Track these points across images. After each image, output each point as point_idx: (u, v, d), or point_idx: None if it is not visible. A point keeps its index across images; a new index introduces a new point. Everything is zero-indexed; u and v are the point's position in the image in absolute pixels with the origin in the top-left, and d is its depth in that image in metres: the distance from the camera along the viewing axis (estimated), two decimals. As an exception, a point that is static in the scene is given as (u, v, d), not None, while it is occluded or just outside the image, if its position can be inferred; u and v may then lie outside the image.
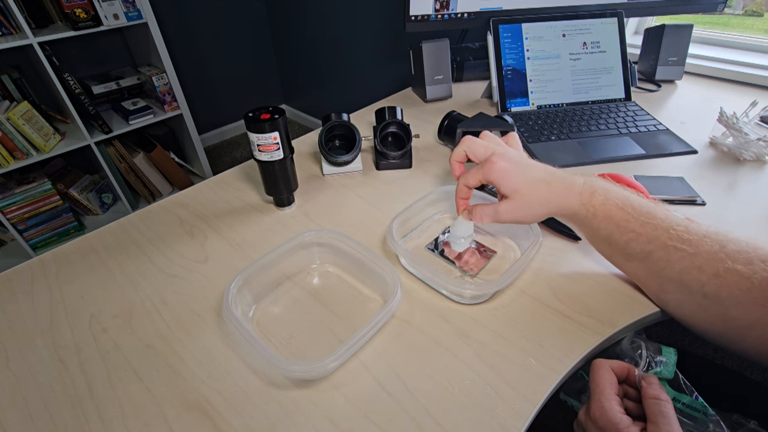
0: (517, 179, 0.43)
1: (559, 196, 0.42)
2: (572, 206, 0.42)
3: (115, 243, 0.57)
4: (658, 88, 0.96)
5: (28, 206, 1.56)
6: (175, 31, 1.97)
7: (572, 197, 0.42)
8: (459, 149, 0.48)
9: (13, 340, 0.44)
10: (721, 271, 0.35)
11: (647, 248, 0.39)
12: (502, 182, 0.43)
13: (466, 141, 0.48)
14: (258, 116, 0.51)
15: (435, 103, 0.95)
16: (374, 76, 1.97)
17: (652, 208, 0.40)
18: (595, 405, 0.35)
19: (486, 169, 0.44)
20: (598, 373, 0.37)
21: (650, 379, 0.36)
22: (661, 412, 0.33)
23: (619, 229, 0.40)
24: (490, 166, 0.43)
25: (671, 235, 0.37)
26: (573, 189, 0.42)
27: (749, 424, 0.40)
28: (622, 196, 0.41)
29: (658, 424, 0.32)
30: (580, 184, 0.42)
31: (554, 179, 0.43)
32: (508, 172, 0.43)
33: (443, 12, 0.86)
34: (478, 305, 0.45)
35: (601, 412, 0.34)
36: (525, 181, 0.43)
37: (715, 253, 0.35)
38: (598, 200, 0.41)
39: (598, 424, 0.34)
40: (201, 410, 0.37)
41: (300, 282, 0.50)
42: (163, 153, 1.84)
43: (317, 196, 0.64)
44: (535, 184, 0.43)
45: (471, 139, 0.48)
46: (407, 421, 0.35)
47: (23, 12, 1.35)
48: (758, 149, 0.67)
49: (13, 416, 0.37)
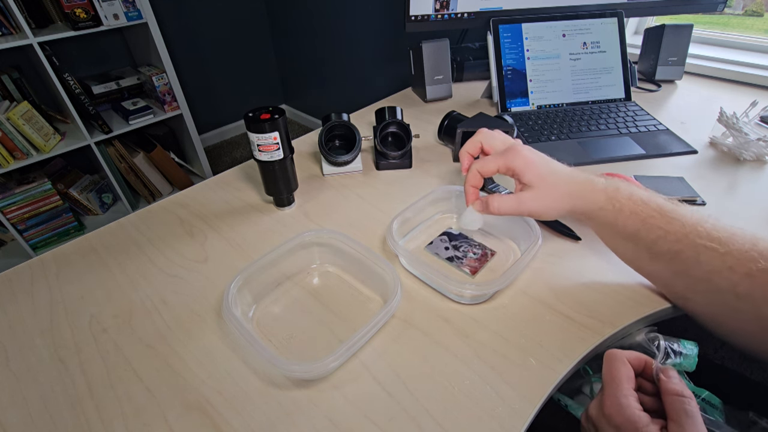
0: (543, 168, 0.42)
1: (585, 190, 0.42)
2: (599, 201, 0.41)
3: (115, 243, 0.57)
4: (658, 88, 0.96)
5: (28, 206, 1.56)
6: (175, 31, 1.97)
7: (597, 192, 0.41)
8: (474, 139, 0.47)
9: (13, 340, 0.44)
10: (754, 271, 0.33)
11: (676, 247, 0.37)
12: (528, 168, 0.42)
13: (483, 133, 0.47)
14: (258, 116, 0.51)
15: (435, 103, 0.95)
16: (374, 76, 1.97)
17: (677, 206, 0.39)
18: (610, 401, 0.32)
19: (510, 156, 0.43)
20: (614, 366, 0.34)
21: (670, 373, 0.33)
22: (685, 410, 0.30)
23: (645, 225, 0.39)
24: (515, 153, 0.43)
25: (700, 232, 0.36)
26: (597, 185, 0.42)
27: (762, 422, 0.39)
28: (647, 193, 0.40)
29: (682, 424, 0.29)
30: (603, 181, 0.42)
31: (578, 175, 0.43)
32: (534, 161, 0.43)
33: (443, 12, 0.86)
34: (478, 305, 0.45)
35: (618, 409, 0.31)
36: (551, 172, 0.43)
37: (747, 251, 0.34)
38: (624, 195, 0.40)
39: (614, 421, 0.31)
40: (201, 410, 0.37)
41: (300, 282, 0.50)
42: (163, 153, 1.84)
43: (317, 196, 0.64)
44: (560, 175, 0.43)
45: (488, 131, 0.47)
46: (407, 421, 0.35)
47: (23, 12, 1.35)
48: (758, 149, 0.67)
49: (13, 416, 0.37)
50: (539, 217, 0.44)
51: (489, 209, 0.45)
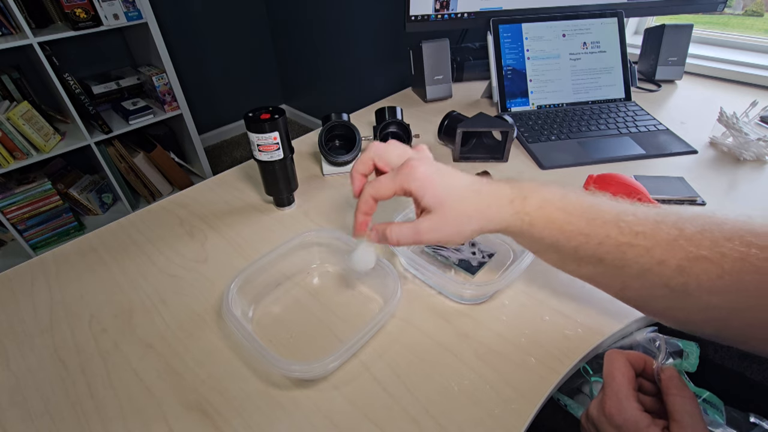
0: (442, 188, 0.36)
1: (489, 206, 0.36)
2: (504, 217, 0.35)
3: (115, 243, 0.57)
4: (658, 88, 0.96)
5: (28, 206, 1.56)
6: (175, 31, 1.97)
7: (503, 207, 0.36)
8: (365, 156, 0.40)
9: (13, 340, 0.44)
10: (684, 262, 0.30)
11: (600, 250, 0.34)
12: (426, 191, 0.35)
13: (374, 147, 0.40)
14: (258, 116, 0.51)
15: (435, 103, 0.95)
16: (374, 76, 1.97)
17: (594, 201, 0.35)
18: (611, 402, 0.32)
19: (404, 175, 0.36)
20: (614, 365, 0.33)
21: (670, 372, 0.32)
22: (687, 410, 0.30)
23: (564, 234, 0.35)
24: (410, 171, 0.36)
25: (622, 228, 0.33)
26: (503, 197, 0.36)
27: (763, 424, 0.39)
28: (558, 194, 0.36)
29: (683, 423, 0.29)
30: (509, 191, 0.36)
31: (483, 187, 0.37)
32: (432, 179, 0.36)
33: (443, 12, 0.86)
34: (478, 305, 0.45)
35: (619, 409, 0.31)
36: (451, 190, 0.36)
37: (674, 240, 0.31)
38: (533, 205, 0.35)
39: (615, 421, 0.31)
40: (201, 410, 0.37)
41: (300, 282, 0.50)
42: (163, 153, 1.84)
43: (317, 196, 0.64)
44: (463, 192, 0.36)
45: (380, 145, 0.40)
46: (407, 421, 0.35)
47: (23, 12, 1.35)
48: (758, 149, 0.67)
49: (13, 416, 0.37)
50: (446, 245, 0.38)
51: (388, 240, 0.38)
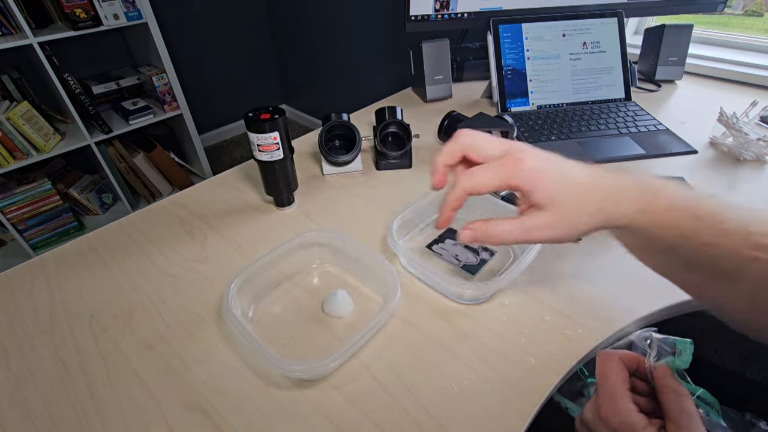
0: (554, 182, 0.31)
1: (609, 202, 0.31)
2: (626, 213, 0.31)
3: (115, 243, 0.57)
4: (658, 88, 0.96)
5: (28, 206, 1.56)
6: (175, 31, 1.96)
7: (627, 202, 0.31)
8: (453, 147, 0.34)
9: (13, 340, 0.44)
10: None
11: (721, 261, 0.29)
12: (535, 186, 0.30)
13: (463, 137, 0.34)
14: (258, 116, 0.51)
15: (435, 103, 0.95)
16: (374, 76, 1.97)
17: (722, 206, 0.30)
18: (607, 404, 0.31)
19: (508, 169, 0.31)
20: (607, 366, 0.32)
21: (663, 370, 0.32)
22: (682, 408, 0.29)
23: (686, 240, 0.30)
24: (515, 164, 0.31)
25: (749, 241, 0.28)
26: (624, 190, 0.31)
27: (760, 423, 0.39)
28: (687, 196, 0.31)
29: (679, 422, 0.28)
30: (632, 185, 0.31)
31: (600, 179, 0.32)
32: (541, 173, 0.31)
33: (443, 12, 0.86)
34: (478, 305, 0.45)
35: (614, 412, 0.30)
36: (565, 184, 0.31)
37: None
38: (661, 205, 0.30)
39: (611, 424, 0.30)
40: (201, 410, 0.37)
41: (300, 282, 0.50)
42: (163, 153, 1.84)
43: (317, 196, 0.64)
44: (582, 187, 0.31)
45: (470, 134, 0.34)
46: (407, 421, 0.35)
47: (23, 12, 1.35)
48: (758, 149, 0.67)
49: (13, 416, 0.37)
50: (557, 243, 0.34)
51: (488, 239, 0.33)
